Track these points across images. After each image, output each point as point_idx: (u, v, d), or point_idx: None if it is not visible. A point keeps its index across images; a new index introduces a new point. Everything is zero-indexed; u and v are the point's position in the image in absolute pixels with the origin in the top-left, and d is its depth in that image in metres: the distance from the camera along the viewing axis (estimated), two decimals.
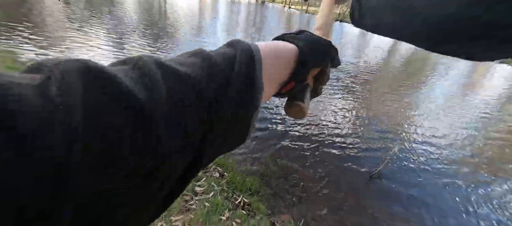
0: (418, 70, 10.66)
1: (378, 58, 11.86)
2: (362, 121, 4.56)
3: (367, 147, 3.66)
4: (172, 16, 13.79)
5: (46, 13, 8.11)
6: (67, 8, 9.71)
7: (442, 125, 4.99)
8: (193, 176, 0.21)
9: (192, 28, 10.86)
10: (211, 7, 25.20)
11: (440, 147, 4.06)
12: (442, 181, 3.20)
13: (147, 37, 7.51)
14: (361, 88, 6.34)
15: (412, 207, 2.68)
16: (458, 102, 6.90)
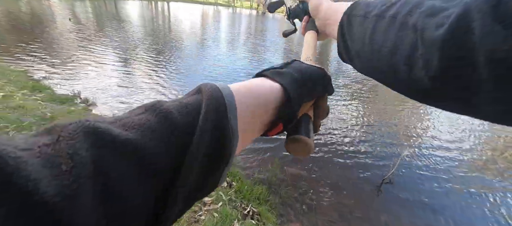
0: None
1: None
2: (371, 126, 4.50)
3: (377, 152, 3.60)
4: (175, 29, 14.21)
5: (57, 33, 8.47)
6: (76, 27, 10.13)
7: (454, 127, 4.89)
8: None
9: (195, 40, 11.13)
10: (214, 19, 25.93)
11: (452, 151, 3.96)
12: (454, 186, 3.10)
13: (151, 51, 7.72)
14: (368, 94, 6.31)
15: (424, 214, 2.59)
16: None
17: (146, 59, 6.68)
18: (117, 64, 5.90)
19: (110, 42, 8.11)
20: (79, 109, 3.23)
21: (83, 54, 6.26)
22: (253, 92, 0.26)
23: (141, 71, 5.67)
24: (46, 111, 2.79)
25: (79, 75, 4.80)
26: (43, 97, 3.30)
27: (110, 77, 4.93)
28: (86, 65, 5.45)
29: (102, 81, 4.64)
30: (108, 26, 11.28)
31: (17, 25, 8.85)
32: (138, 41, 8.99)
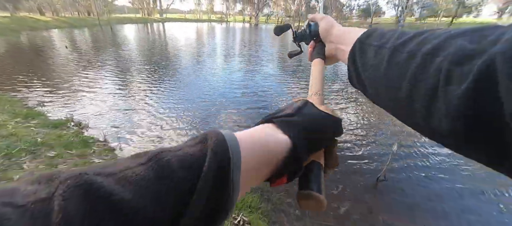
0: None
1: None
2: (363, 126, 4.50)
3: (370, 152, 3.57)
4: (171, 47, 14.55)
5: (53, 61, 8.69)
6: (72, 54, 10.41)
7: None
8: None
9: (191, 56, 11.36)
10: (208, 35, 26.58)
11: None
12: (449, 179, 3.05)
13: (146, 71, 7.87)
14: (361, 97, 6.33)
15: (421, 210, 2.53)
16: None
17: (141, 80, 6.80)
18: (111, 87, 6.00)
19: (106, 66, 8.30)
20: (71, 133, 3.26)
21: (78, 80, 6.40)
22: (259, 143, 0.25)
23: (136, 92, 5.76)
24: (37, 137, 2.82)
25: (74, 100, 4.89)
26: (36, 124, 3.35)
27: (104, 100, 5.01)
28: (81, 90, 5.56)
29: (96, 105, 4.71)
30: (104, 51, 11.59)
31: (14, 56, 9.12)
32: (133, 62, 9.19)
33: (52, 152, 2.57)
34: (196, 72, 8.10)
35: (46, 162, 2.35)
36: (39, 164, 2.30)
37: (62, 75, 6.74)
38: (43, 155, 2.48)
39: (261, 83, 6.89)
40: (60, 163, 2.41)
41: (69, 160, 2.51)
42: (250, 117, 4.53)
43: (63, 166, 2.39)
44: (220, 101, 5.25)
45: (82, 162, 2.51)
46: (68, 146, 2.81)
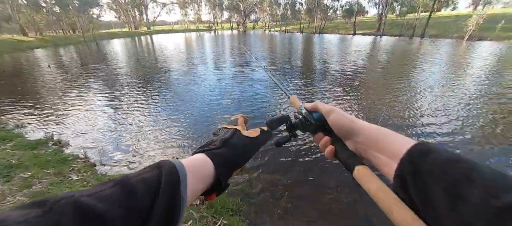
0: (398, 68, 10.96)
1: (359, 61, 12.26)
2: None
3: None
4: (157, 58, 14.48)
5: (34, 81, 8.50)
6: (55, 73, 10.21)
7: (429, 112, 5.04)
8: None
9: (181, 64, 11.34)
10: (197, 42, 26.64)
11: (427, 131, 4.06)
12: None
13: (132, 84, 7.80)
14: (347, 95, 6.49)
15: None
16: (442, 88, 7.03)
17: (125, 95, 6.74)
18: (94, 104, 5.92)
19: (89, 83, 8.18)
20: (49, 152, 3.19)
21: (60, 98, 6.28)
22: (197, 170, 0.36)
23: (119, 108, 5.70)
24: (12, 159, 2.75)
25: (55, 119, 4.79)
26: (12, 146, 3.26)
27: (86, 117, 4.93)
28: (63, 109, 5.45)
29: (78, 123, 4.63)
30: (88, 68, 11.42)
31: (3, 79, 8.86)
32: (117, 78, 9.09)
33: (27, 173, 2.51)
34: (188, 82, 8.09)
35: (20, 183, 2.29)
36: (13, 186, 2.23)
37: (43, 95, 6.59)
38: (16, 176, 2.41)
39: (249, 88, 6.95)
40: (35, 184, 2.36)
41: (45, 180, 2.46)
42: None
43: (38, 186, 2.33)
44: (205, 113, 5.26)
45: (58, 180, 2.45)
46: (45, 165, 2.75)
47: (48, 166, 2.78)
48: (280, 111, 5.15)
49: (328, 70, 9.60)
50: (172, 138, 3.88)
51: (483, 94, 5.94)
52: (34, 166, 2.69)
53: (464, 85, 6.82)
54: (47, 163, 2.83)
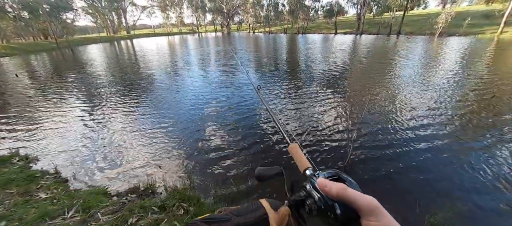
0: (379, 64, 11.36)
1: (342, 59, 12.59)
2: (323, 119, 4.64)
3: (333, 141, 3.68)
4: (143, 61, 13.90)
5: (2, 92, 7.79)
6: (23, 82, 9.44)
7: (404, 105, 5.24)
8: None
9: (165, 68, 10.93)
10: (180, 44, 25.98)
11: (403, 124, 4.20)
12: (410, 161, 3.25)
13: (116, 91, 7.40)
14: (318, 91, 6.59)
15: (386, 194, 2.64)
16: (418, 82, 7.37)
17: (98, 103, 6.37)
18: (65, 114, 5.52)
19: (61, 92, 7.65)
20: (14, 169, 2.89)
21: (28, 110, 5.79)
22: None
23: (92, 118, 5.36)
24: None
25: (21, 133, 4.38)
26: None
27: (56, 129, 4.57)
28: (31, 121, 5.02)
29: (47, 135, 4.27)
30: (60, 75, 10.70)
31: None
32: (91, 85, 8.59)
33: None
34: (161, 91, 7.81)
35: None
36: None
37: (9, 107, 6.04)
38: None
39: (237, 93, 6.85)
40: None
41: (7, 201, 2.21)
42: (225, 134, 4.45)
43: (0, 208, 2.09)
44: (188, 124, 5.10)
45: (23, 200, 2.21)
46: (8, 184, 2.48)
47: (11, 185, 2.50)
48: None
49: (313, 69, 9.75)
50: (152, 150, 3.69)
51: (455, 84, 6.32)
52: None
53: (438, 76, 7.22)
54: (11, 182, 2.55)
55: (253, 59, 13.45)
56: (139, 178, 2.87)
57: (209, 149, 3.55)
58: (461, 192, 2.54)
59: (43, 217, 1.95)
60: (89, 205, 2.18)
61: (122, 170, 3.07)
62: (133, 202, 2.34)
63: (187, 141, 3.81)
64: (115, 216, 2.06)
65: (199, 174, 2.96)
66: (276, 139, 3.73)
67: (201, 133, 4.08)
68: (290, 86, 7.02)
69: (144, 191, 2.61)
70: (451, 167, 2.95)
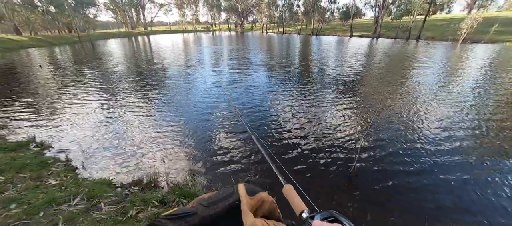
0: (398, 71, 10.95)
1: (358, 63, 12.26)
2: (331, 124, 4.51)
3: (340, 148, 3.56)
4: (158, 56, 14.30)
5: (23, 81, 8.29)
6: (47, 72, 10.00)
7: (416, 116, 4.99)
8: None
9: (178, 66, 11.18)
10: (194, 42, 26.45)
11: (410, 135, 4.00)
12: (416, 171, 3.08)
13: (131, 84, 7.66)
14: (325, 97, 6.44)
15: (389, 203, 2.51)
16: (434, 92, 7.01)
17: (113, 96, 6.60)
18: (82, 104, 5.77)
19: (80, 83, 8.01)
20: (29, 155, 3.05)
21: (47, 99, 6.11)
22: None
23: (107, 109, 5.56)
24: None
25: (41, 120, 4.63)
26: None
27: (72, 119, 4.78)
28: (49, 110, 5.29)
29: (64, 124, 4.48)
30: (81, 68, 11.22)
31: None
32: (110, 78, 8.93)
33: (1, 177, 2.38)
34: (173, 87, 7.96)
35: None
36: None
37: (31, 96, 6.41)
38: None
39: (248, 97, 6.86)
40: (9, 189, 2.22)
41: (20, 184, 2.33)
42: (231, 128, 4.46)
43: (12, 191, 2.20)
44: (198, 118, 5.16)
45: (34, 185, 2.32)
46: (22, 169, 2.62)
47: (25, 169, 2.64)
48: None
49: (325, 72, 9.56)
50: (158, 145, 3.76)
51: (479, 96, 5.93)
52: (10, 169, 2.55)
53: (461, 86, 6.81)
54: (25, 167, 2.69)
55: (265, 60, 13.41)
56: (143, 171, 2.93)
57: (213, 150, 3.56)
58: (473, 215, 2.36)
59: (50, 203, 2.03)
60: (94, 194, 2.25)
61: (128, 163, 3.15)
62: (135, 195, 2.39)
63: (193, 140, 3.85)
64: (117, 207, 2.11)
65: (201, 172, 2.98)
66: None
67: (208, 134, 4.11)
68: (300, 89, 6.92)
69: (147, 184, 2.66)
70: (466, 186, 2.77)
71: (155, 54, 16.56)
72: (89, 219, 1.84)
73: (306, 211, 0.45)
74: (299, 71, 9.77)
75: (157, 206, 2.20)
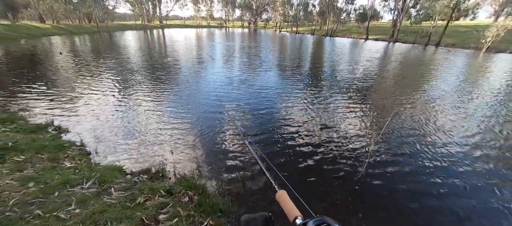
0: (415, 78, 10.59)
1: (372, 67, 11.95)
2: (341, 128, 4.42)
3: (349, 152, 3.49)
4: (171, 50, 14.61)
5: (44, 67, 8.70)
6: (66, 59, 10.45)
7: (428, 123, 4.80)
8: None
9: (190, 60, 11.36)
10: (207, 38, 26.73)
11: (422, 141, 3.85)
12: (425, 179, 2.96)
13: (145, 75, 7.87)
14: (335, 100, 6.30)
15: (397, 211, 2.44)
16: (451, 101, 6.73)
17: (128, 85, 6.78)
18: (98, 92, 5.97)
19: (97, 72, 8.30)
20: (47, 137, 3.21)
21: (67, 85, 6.38)
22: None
23: (122, 98, 5.73)
24: (9, 141, 2.77)
25: (59, 105, 4.85)
26: (12, 129, 3.30)
27: (88, 105, 4.97)
28: (68, 95, 5.53)
29: (80, 110, 4.67)
30: (99, 57, 11.63)
31: (6, 62, 9.14)
32: (126, 68, 9.19)
33: (21, 157, 2.52)
34: (186, 79, 8.07)
35: (12, 167, 2.29)
36: (4, 169, 2.23)
37: (51, 81, 6.72)
38: (10, 159, 2.42)
39: (258, 96, 6.86)
40: (28, 168, 2.35)
41: (38, 165, 2.45)
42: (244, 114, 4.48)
43: (30, 170, 2.33)
44: (209, 109, 5.22)
45: (51, 166, 2.44)
46: (41, 150, 2.76)
47: (43, 150, 2.78)
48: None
49: (338, 74, 9.39)
50: (168, 136, 3.84)
51: (505, 109, 5.61)
52: (29, 150, 2.69)
53: (482, 98, 6.48)
54: (43, 148, 2.83)
55: (276, 60, 13.33)
56: (152, 161, 3.01)
57: (221, 144, 3.59)
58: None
59: (65, 184, 2.13)
60: (105, 179, 2.33)
61: (137, 151, 3.24)
62: (144, 183, 2.46)
63: (201, 133, 3.90)
64: (126, 193, 2.18)
65: (208, 166, 3.01)
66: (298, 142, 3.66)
67: (216, 129, 4.15)
68: (310, 91, 6.84)
69: (155, 173, 2.73)
70: (480, 207, 2.64)
71: (169, 48, 16.87)
72: (100, 202, 1.91)
73: (300, 217, 0.44)
74: (311, 73, 9.65)
75: (164, 195, 2.26)
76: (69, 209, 1.77)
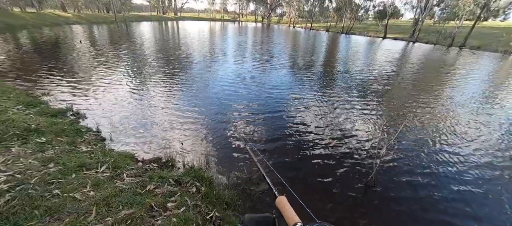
0: (436, 81, 10.13)
1: (390, 69, 11.54)
2: (352, 130, 4.31)
3: (360, 155, 3.41)
4: (184, 43, 14.84)
5: (65, 54, 9.11)
6: (86, 48, 10.87)
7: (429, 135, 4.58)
8: None
9: (203, 53, 11.50)
10: (220, 32, 26.84)
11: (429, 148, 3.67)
12: (436, 185, 2.84)
13: (161, 66, 8.05)
14: (349, 103, 6.13)
15: (408, 217, 2.37)
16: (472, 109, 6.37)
17: (144, 75, 6.96)
18: (115, 80, 6.18)
19: (115, 60, 8.58)
20: (66, 121, 3.38)
21: (85, 72, 6.66)
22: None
23: (137, 87, 5.89)
24: (32, 124, 2.94)
25: (79, 91, 5.08)
26: (35, 112, 3.50)
27: (106, 93, 5.17)
28: (87, 82, 5.77)
29: (97, 97, 4.86)
30: (117, 46, 12.00)
31: (31, 49, 9.65)
32: (142, 58, 9.43)
33: (42, 138, 2.67)
34: (201, 72, 8.16)
35: (34, 147, 2.44)
36: (27, 149, 2.38)
37: (71, 68, 7.04)
38: (33, 141, 2.57)
39: (271, 96, 6.83)
40: (48, 149, 2.49)
41: (57, 147, 2.59)
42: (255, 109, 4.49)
43: (51, 152, 2.47)
44: (221, 102, 5.26)
45: (69, 149, 2.58)
46: (60, 133, 2.91)
47: (63, 134, 2.93)
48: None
49: (352, 74, 9.14)
50: (178, 126, 3.92)
51: None
52: (50, 132, 2.85)
53: (510, 106, 6.08)
54: (63, 132, 2.99)
55: (289, 58, 13.15)
56: (162, 150, 3.10)
57: (228, 141, 3.63)
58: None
59: (81, 167, 2.24)
60: (118, 165, 2.43)
61: (149, 140, 3.35)
62: (154, 171, 2.55)
63: (211, 126, 3.95)
64: (137, 180, 2.26)
65: (215, 160, 3.06)
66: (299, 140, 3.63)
67: (226, 122, 4.18)
68: (322, 92, 6.71)
69: (165, 163, 2.81)
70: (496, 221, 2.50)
71: (182, 40, 17.08)
72: (113, 186, 2.00)
73: (299, 224, 0.43)
74: (323, 74, 9.44)
75: (173, 184, 2.32)
76: (85, 191, 1.86)
